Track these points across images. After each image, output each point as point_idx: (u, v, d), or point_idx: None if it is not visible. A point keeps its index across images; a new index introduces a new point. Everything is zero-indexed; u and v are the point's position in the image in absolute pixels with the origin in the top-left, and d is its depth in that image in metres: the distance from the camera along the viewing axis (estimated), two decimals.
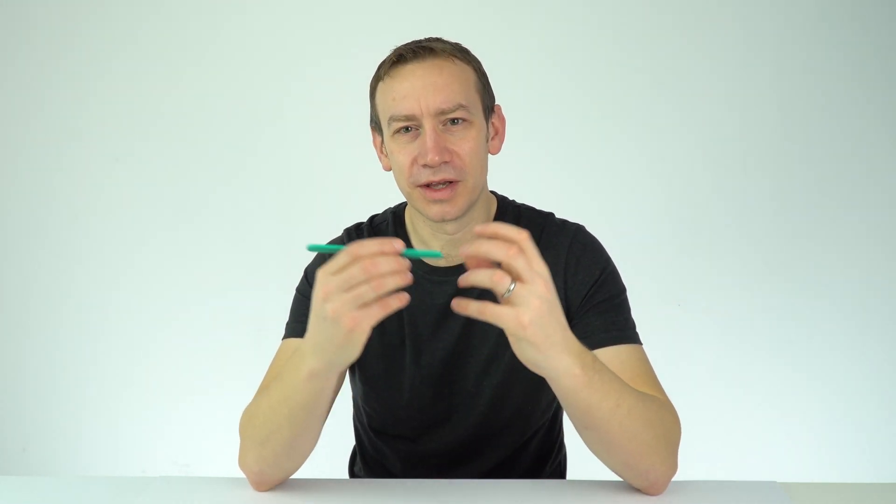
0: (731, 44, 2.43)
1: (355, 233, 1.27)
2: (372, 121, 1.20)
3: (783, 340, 2.48)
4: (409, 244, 1.24)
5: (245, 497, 1.09)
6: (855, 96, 2.42)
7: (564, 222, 1.25)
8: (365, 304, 0.85)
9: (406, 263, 0.85)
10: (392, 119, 1.11)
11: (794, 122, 2.43)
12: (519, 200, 1.29)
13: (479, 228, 0.87)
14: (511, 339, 0.87)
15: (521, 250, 0.84)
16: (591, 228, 1.25)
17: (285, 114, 2.51)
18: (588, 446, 1.02)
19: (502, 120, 1.21)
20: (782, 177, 2.45)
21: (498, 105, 1.20)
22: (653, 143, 2.46)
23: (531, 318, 0.84)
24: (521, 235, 0.85)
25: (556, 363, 0.89)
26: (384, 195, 1.42)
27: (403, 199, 1.25)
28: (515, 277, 0.84)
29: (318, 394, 0.97)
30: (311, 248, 0.91)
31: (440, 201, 1.11)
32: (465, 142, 1.10)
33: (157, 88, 2.51)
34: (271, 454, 1.05)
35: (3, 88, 2.54)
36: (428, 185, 1.10)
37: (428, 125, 1.09)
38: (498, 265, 0.86)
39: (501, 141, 1.21)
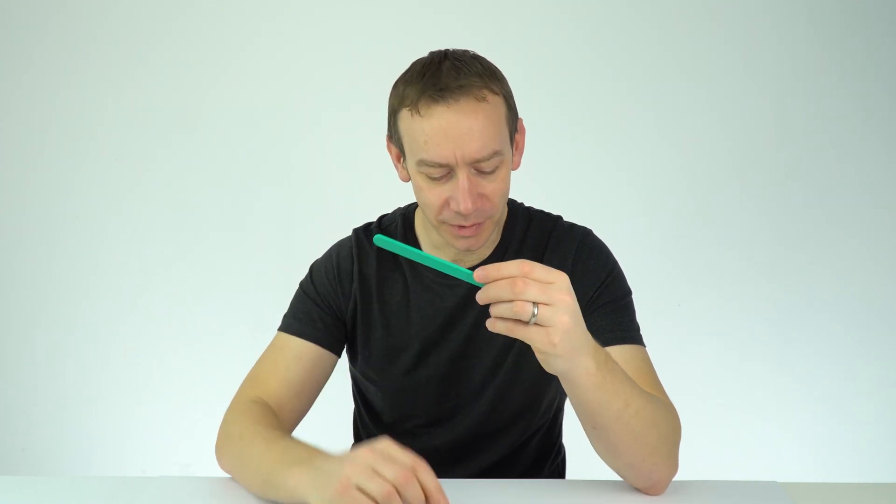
0: (730, 48, 2.43)
1: (364, 234, 1.26)
2: (390, 134, 1.14)
3: (783, 340, 2.48)
4: (418, 246, 1.24)
5: (245, 497, 1.09)
6: (852, 98, 2.42)
7: (572, 226, 1.25)
8: (366, 494, 0.84)
9: None
10: (423, 163, 1.07)
11: (793, 126, 2.44)
12: (527, 203, 1.30)
13: (479, 275, 0.84)
14: (540, 356, 0.87)
15: (527, 281, 0.83)
16: (592, 228, 1.26)
17: (287, 113, 2.51)
18: (594, 446, 1.03)
19: (523, 132, 1.17)
20: (782, 179, 2.45)
21: (520, 119, 1.16)
22: (652, 142, 2.46)
23: (561, 336, 0.84)
24: (523, 268, 0.83)
25: (576, 371, 0.89)
26: (388, 195, 1.42)
27: (411, 200, 1.25)
28: (535, 302, 0.83)
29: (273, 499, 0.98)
30: (378, 242, 0.87)
31: (467, 237, 1.11)
32: (496, 182, 1.09)
33: (159, 88, 2.51)
34: (242, 484, 1.08)
35: (2, 89, 2.54)
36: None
37: (462, 174, 1.05)
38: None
39: (521, 155, 1.18)
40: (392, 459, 0.86)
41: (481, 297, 0.84)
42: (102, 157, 2.54)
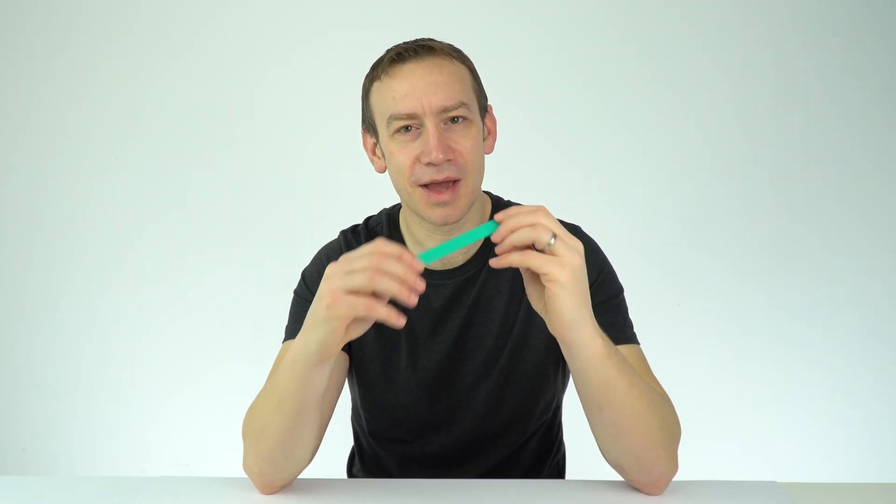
0: (732, 42, 2.42)
1: (351, 235, 1.26)
2: (364, 122, 1.18)
3: (783, 340, 2.48)
4: (403, 245, 1.23)
5: (245, 498, 1.09)
6: (857, 93, 2.41)
7: (560, 222, 1.24)
8: (355, 293, 0.87)
9: (419, 284, 0.87)
10: (392, 118, 1.10)
11: (795, 122, 2.43)
12: (514, 200, 1.29)
13: (500, 216, 0.91)
14: (552, 290, 0.90)
15: (547, 213, 0.91)
16: (590, 228, 1.25)
17: (284, 115, 2.50)
18: (598, 432, 1.03)
19: (494, 120, 1.21)
20: (782, 176, 2.45)
21: (490, 105, 1.20)
22: (651, 142, 2.46)
23: (573, 268, 0.90)
24: (540, 208, 0.91)
25: (584, 329, 0.93)
26: (381, 197, 1.42)
27: (398, 201, 1.25)
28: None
29: (303, 383, 0.97)
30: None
31: (443, 204, 1.10)
32: (466, 140, 1.10)
33: (157, 87, 2.51)
34: (267, 450, 1.04)
35: (2, 88, 2.54)
36: (429, 185, 1.10)
37: (430, 123, 1.08)
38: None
39: (494, 140, 1.21)
40: (357, 254, 0.89)
41: (500, 231, 0.90)
42: (101, 157, 2.53)
